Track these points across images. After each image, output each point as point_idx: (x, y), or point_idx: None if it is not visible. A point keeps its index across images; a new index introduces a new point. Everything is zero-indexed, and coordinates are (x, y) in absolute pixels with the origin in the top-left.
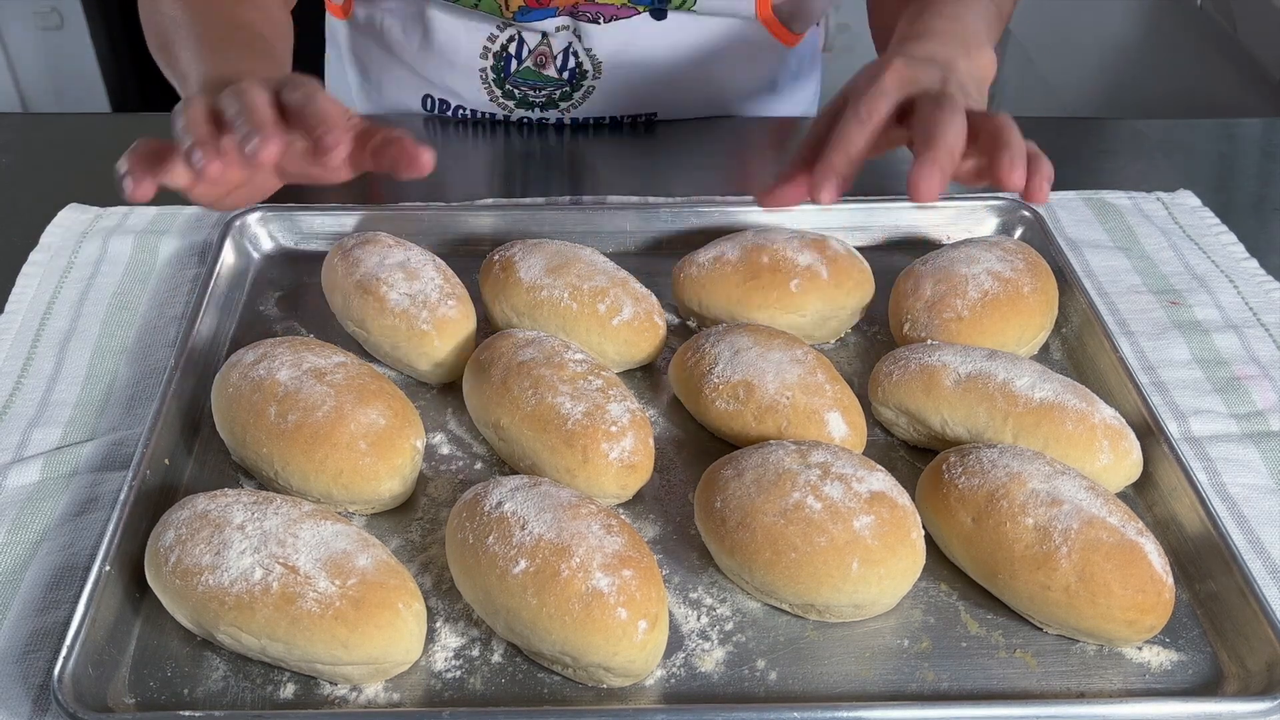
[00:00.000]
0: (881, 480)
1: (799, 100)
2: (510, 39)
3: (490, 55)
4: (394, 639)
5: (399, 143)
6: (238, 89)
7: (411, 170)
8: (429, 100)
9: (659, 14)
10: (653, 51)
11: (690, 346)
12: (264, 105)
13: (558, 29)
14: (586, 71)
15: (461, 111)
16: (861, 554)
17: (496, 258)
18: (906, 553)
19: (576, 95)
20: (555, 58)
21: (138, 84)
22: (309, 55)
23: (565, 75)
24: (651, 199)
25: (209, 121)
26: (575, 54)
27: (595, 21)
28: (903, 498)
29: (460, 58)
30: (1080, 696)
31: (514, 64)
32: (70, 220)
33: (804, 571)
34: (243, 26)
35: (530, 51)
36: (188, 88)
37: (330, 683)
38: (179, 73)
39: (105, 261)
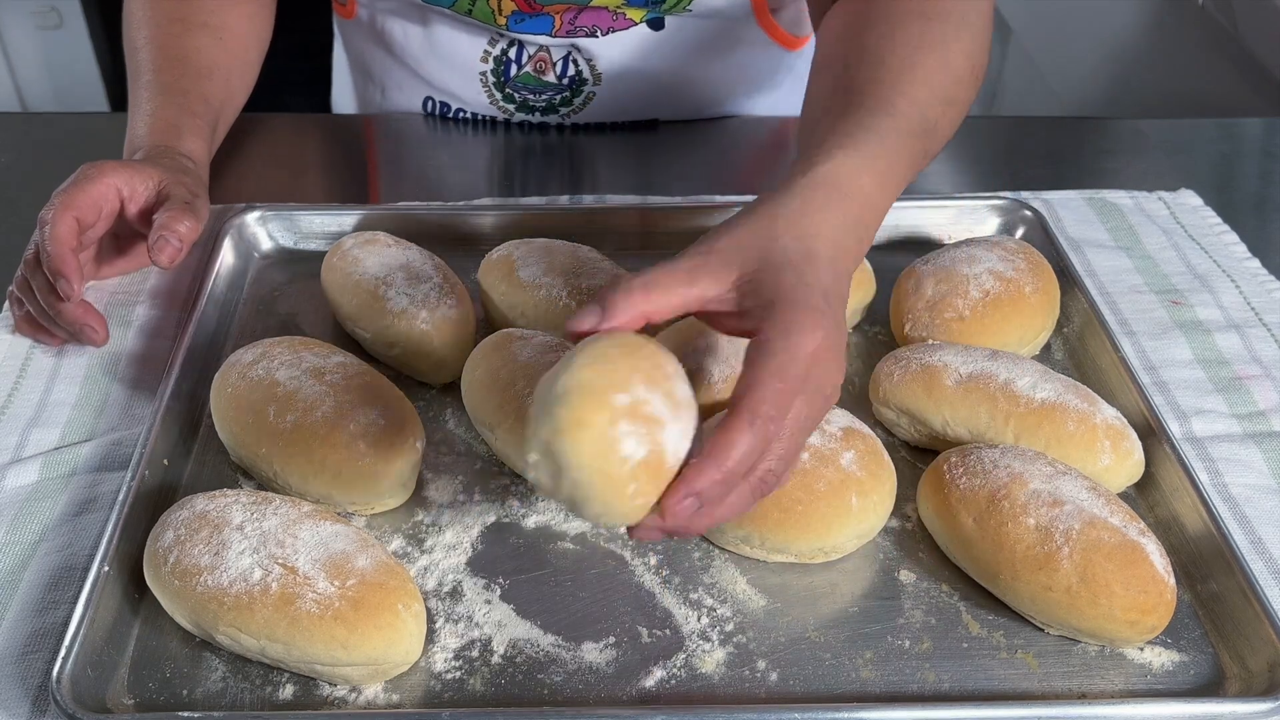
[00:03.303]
0: (842, 415)
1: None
2: (510, 44)
3: (490, 60)
4: (393, 640)
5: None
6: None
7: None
8: (430, 102)
9: (657, 24)
10: (653, 60)
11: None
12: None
13: (554, 44)
14: (586, 79)
15: (462, 114)
16: (856, 488)
17: (496, 258)
18: (887, 476)
19: (577, 101)
20: (555, 65)
21: None
22: (314, 53)
23: (565, 81)
24: (651, 199)
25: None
26: (575, 62)
27: (593, 36)
28: (863, 426)
29: (460, 61)
30: (1081, 697)
31: (514, 69)
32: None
33: (814, 519)
34: (186, 63)
35: (530, 57)
36: (127, 147)
37: (330, 684)
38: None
39: None
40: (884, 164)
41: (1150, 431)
